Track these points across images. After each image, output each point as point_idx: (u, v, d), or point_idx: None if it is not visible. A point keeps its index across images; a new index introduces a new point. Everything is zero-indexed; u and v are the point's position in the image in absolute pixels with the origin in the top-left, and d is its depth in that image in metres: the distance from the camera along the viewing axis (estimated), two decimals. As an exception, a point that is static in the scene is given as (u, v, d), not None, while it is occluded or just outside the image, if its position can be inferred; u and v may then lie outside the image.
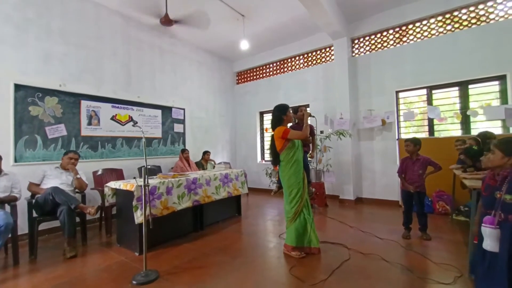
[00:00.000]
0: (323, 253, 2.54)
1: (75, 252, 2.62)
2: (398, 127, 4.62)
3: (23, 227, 2.89)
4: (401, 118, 4.58)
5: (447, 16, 4.13)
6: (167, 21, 4.25)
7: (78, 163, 3.16)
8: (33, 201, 2.75)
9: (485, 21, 3.86)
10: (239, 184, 4.04)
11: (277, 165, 2.68)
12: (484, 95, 3.92)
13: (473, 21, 3.94)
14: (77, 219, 2.87)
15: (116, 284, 2.04)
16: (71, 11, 3.75)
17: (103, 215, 3.43)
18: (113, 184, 2.92)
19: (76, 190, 3.08)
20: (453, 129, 4.17)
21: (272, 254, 2.59)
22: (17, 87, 3.21)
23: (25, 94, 3.27)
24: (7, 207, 2.59)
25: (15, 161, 3.17)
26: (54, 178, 2.94)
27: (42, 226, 2.85)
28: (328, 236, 2.96)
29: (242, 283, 2.03)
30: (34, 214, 2.74)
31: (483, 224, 1.45)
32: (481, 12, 3.87)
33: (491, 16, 3.81)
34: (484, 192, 1.79)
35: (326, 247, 2.67)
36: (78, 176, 3.05)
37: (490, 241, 1.39)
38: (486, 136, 2.93)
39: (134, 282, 2.04)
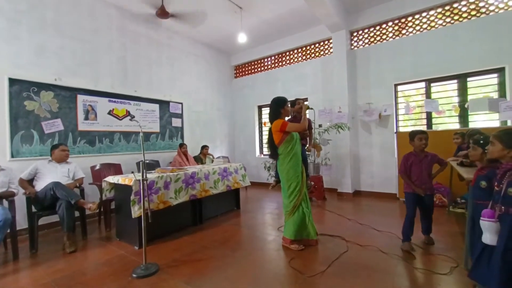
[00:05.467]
0: (322, 245, 2.56)
1: (75, 247, 2.63)
2: (397, 120, 4.63)
3: (21, 222, 2.90)
4: (400, 111, 4.58)
5: (447, 8, 4.09)
6: (163, 13, 4.19)
7: (76, 158, 3.14)
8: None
9: (484, 13, 3.83)
10: (240, 177, 4.04)
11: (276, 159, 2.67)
12: (482, 87, 3.92)
13: (473, 13, 3.91)
14: (77, 214, 2.87)
15: (116, 278, 2.06)
16: (65, 3, 3.66)
17: (102, 209, 3.44)
18: (112, 179, 2.91)
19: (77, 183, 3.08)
20: (451, 122, 4.18)
21: (271, 247, 2.61)
22: (12, 81, 3.16)
23: (20, 88, 3.23)
24: (5, 203, 2.57)
25: (12, 156, 3.15)
26: (49, 173, 2.92)
27: (41, 221, 2.85)
28: (326, 229, 2.99)
29: (241, 275, 2.05)
30: (33, 209, 2.74)
31: (481, 218, 1.43)
32: (481, 4, 3.84)
33: (491, 8, 3.78)
34: (472, 183, 1.81)
35: (325, 240, 2.69)
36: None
37: (489, 235, 1.38)
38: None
39: (134, 275, 2.05)
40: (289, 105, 2.64)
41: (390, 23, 4.64)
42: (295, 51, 5.88)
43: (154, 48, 4.92)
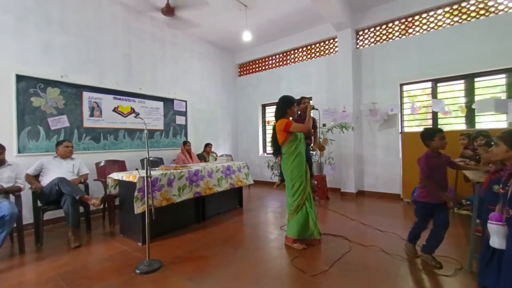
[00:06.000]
0: (324, 245, 2.56)
1: (80, 243, 2.66)
2: (402, 120, 4.59)
3: (27, 216, 2.94)
4: (406, 111, 4.54)
5: (455, 7, 4.03)
6: (168, 10, 4.19)
7: (81, 155, 3.16)
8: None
9: (493, 12, 3.76)
10: (243, 176, 4.05)
11: (279, 156, 2.67)
12: (490, 88, 3.86)
13: (481, 12, 3.84)
14: (81, 209, 2.90)
15: (120, 273, 2.08)
16: (71, 0, 3.69)
17: (106, 205, 3.47)
18: (116, 175, 2.93)
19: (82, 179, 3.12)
20: (456, 123, 4.12)
21: (273, 246, 2.61)
22: (19, 77, 3.19)
23: (27, 85, 3.26)
24: (12, 197, 2.61)
25: (19, 152, 3.19)
26: (55, 169, 2.95)
27: (47, 216, 2.89)
28: (329, 228, 2.98)
29: (243, 273, 2.06)
30: (39, 204, 2.78)
31: (489, 221, 1.40)
32: (490, 3, 3.77)
33: (500, 7, 3.71)
34: (484, 187, 1.76)
35: (327, 239, 2.69)
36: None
37: (497, 238, 1.36)
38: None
39: (137, 271, 2.07)
40: (296, 105, 2.63)
41: (396, 22, 4.58)
42: (300, 49, 5.85)
43: (159, 46, 4.94)
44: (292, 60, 6.00)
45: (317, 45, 5.58)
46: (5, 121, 3.10)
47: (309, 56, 5.72)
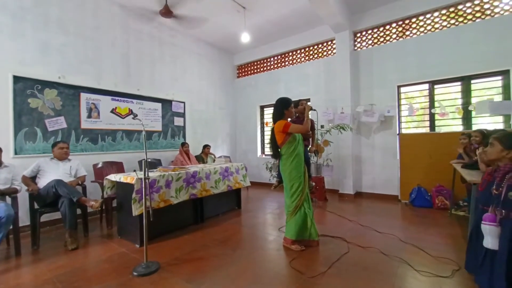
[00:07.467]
0: (323, 246, 2.56)
1: (77, 244, 2.64)
2: (399, 122, 4.61)
3: (24, 218, 2.91)
4: (403, 113, 4.57)
5: (451, 9, 4.07)
6: (166, 12, 4.19)
7: (79, 156, 3.13)
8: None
9: (489, 14, 3.80)
10: (241, 177, 4.04)
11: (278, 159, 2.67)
12: (486, 90, 3.89)
13: (478, 14, 3.88)
14: (79, 211, 2.88)
15: (117, 275, 2.07)
16: (69, 0, 3.68)
17: (103, 207, 3.45)
18: (113, 177, 2.92)
19: (79, 181, 3.10)
20: (454, 125, 4.15)
21: (272, 247, 2.61)
22: (16, 78, 3.17)
23: (24, 86, 3.24)
24: (8, 199, 2.59)
25: (15, 153, 3.16)
26: (51, 170, 2.94)
27: (44, 218, 2.87)
28: (327, 230, 2.98)
29: (242, 274, 2.05)
30: (36, 206, 2.75)
31: (482, 222, 1.41)
32: (486, 6, 3.81)
33: (496, 10, 3.75)
34: (480, 187, 1.76)
35: (326, 241, 2.69)
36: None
37: (491, 239, 1.37)
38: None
39: (135, 273, 2.06)
40: (293, 107, 2.65)
41: (394, 24, 4.62)
42: (298, 51, 5.87)
43: (157, 46, 4.93)
44: (290, 62, 6.02)
45: (315, 46, 5.60)
46: (2, 122, 3.07)
47: (307, 58, 5.74)
